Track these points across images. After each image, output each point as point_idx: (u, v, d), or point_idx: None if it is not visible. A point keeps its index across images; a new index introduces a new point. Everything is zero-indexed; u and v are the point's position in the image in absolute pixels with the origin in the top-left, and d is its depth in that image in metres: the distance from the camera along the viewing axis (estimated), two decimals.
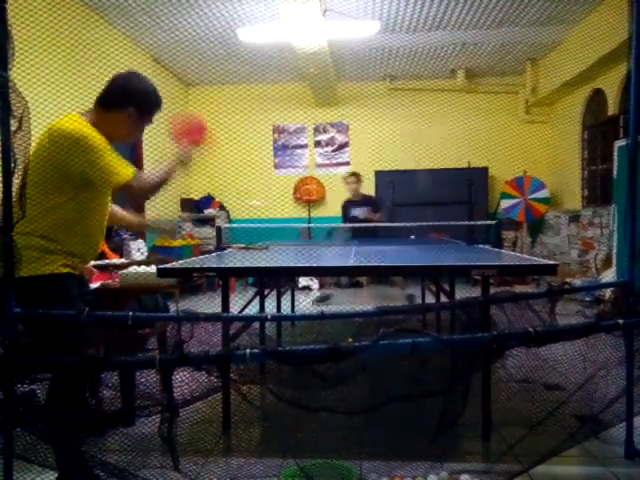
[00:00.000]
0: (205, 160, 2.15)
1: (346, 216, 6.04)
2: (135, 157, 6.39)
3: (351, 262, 2.50)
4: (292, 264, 2.58)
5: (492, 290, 2.34)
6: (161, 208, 6.92)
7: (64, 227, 1.80)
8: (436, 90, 8.00)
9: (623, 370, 2.04)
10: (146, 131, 2.07)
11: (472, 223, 4.55)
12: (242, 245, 3.82)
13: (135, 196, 1.95)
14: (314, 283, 7.27)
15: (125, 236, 5.66)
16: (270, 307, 3.93)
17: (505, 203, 7.52)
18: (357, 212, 5.89)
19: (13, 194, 1.47)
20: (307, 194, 8.25)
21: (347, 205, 6.09)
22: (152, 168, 2.07)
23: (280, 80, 7.95)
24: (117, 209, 2.24)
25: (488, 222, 4.96)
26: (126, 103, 1.89)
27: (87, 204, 1.86)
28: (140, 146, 6.35)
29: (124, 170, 1.83)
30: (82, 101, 4.70)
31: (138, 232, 5.97)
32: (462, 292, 3.30)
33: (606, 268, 5.50)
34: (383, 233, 7.12)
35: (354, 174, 6.14)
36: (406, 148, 7.95)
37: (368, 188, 7.94)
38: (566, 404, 2.03)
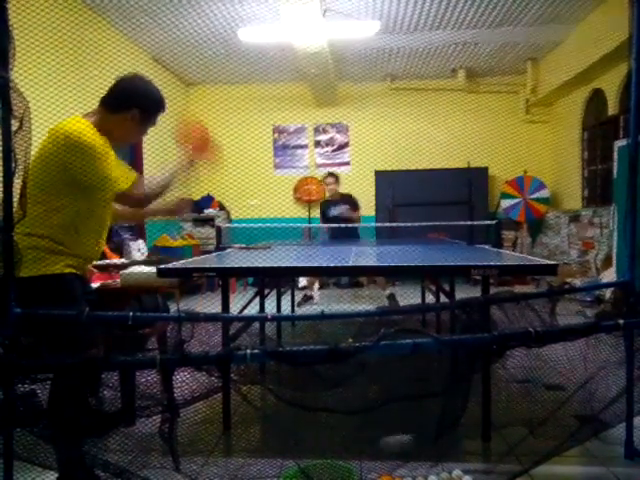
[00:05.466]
0: (212, 169, 2.14)
1: (325, 216, 6.07)
2: (135, 158, 6.39)
3: (351, 262, 2.50)
4: (292, 264, 2.58)
5: (492, 290, 2.34)
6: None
7: (66, 228, 1.80)
8: (436, 90, 8.00)
9: (623, 370, 2.04)
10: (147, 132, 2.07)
11: (472, 223, 4.54)
12: (242, 245, 3.82)
13: (133, 204, 2.01)
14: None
15: (125, 236, 5.66)
16: (270, 307, 3.93)
17: (505, 203, 7.52)
18: (336, 211, 5.93)
19: (14, 194, 1.47)
20: (307, 194, 8.25)
21: (326, 205, 6.14)
22: (153, 174, 2.06)
23: (280, 80, 7.95)
24: (117, 207, 2.25)
25: (488, 222, 4.95)
26: (130, 105, 1.90)
27: (88, 206, 1.85)
28: (140, 147, 6.35)
29: (123, 177, 1.85)
30: (83, 101, 4.72)
31: (138, 232, 5.96)
32: (462, 292, 3.30)
33: (606, 268, 5.49)
34: (383, 233, 7.15)
35: (331, 174, 6.18)
36: (406, 148, 7.96)
37: (368, 188, 7.97)
38: (566, 404, 2.03)
